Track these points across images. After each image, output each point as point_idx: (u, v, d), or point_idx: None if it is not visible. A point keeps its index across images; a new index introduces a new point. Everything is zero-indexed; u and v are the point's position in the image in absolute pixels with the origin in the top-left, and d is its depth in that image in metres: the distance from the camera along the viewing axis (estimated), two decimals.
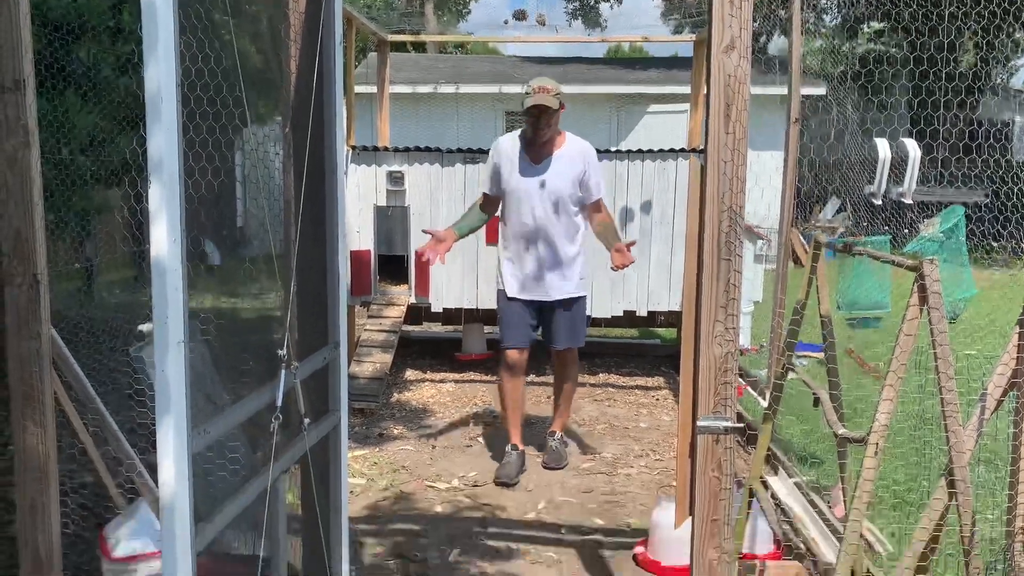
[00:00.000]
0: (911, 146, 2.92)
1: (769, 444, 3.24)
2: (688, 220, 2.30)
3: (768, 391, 4.08)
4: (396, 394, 5.77)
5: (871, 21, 15.14)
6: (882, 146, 2.97)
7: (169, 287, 1.38)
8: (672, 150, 6.24)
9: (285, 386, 1.80)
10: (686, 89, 8.88)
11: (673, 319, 6.70)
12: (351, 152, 6.10)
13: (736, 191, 2.11)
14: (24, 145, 2.25)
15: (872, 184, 3.00)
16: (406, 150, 6.27)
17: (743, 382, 5.40)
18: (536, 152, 4.11)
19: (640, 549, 3.40)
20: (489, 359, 6.36)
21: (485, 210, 4.26)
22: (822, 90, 12.01)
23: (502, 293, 4.27)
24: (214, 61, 2.30)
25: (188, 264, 1.42)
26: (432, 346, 7.01)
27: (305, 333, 2.35)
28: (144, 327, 2.87)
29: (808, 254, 2.98)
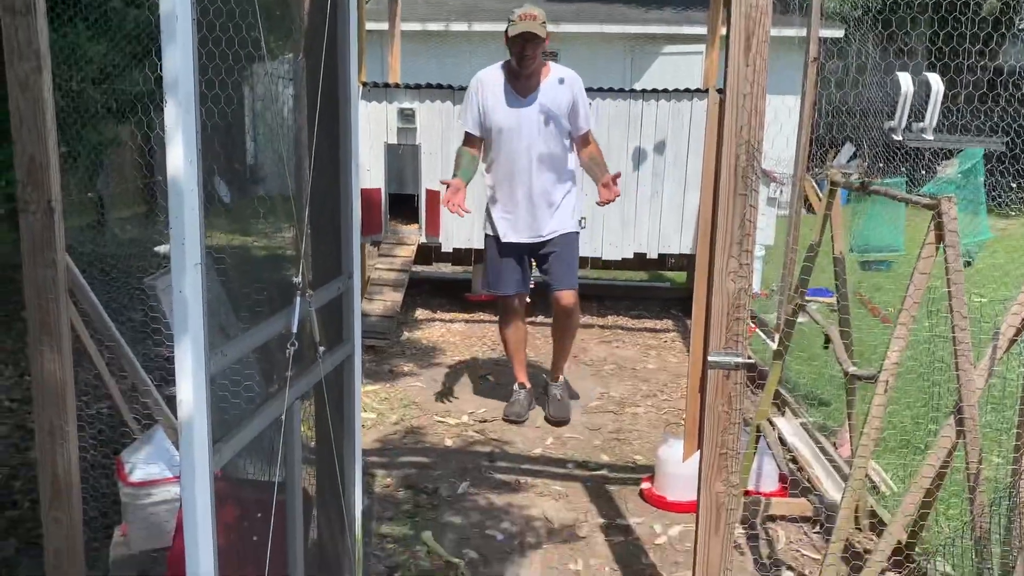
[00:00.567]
0: (934, 80, 2.87)
1: (777, 386, 3.26)
2: (705, 153, 2.28)
3: (778, 334, 4.09)
4: (407, 332, 5.81)
5: None
6: (904, 80, 2.92)
7: (186, 208, 1.38)
8: (687, 90, 6.15)
9: (300, 314, 1.82)
10: (702, 30, 8.71)
11: (684, 262, 6.69)
12: (362, 88, 6.04)
13: (755, 125, 2.09)
14: (35, 70, 2.23)
15: (892, 120, 2.96)
16: (417, 87, 6.20)
17: (753, 325, 5.41)
18: (523, 85, 3.89)
19: (646, 485, 3.45)
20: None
21: (474, 151, 4.00)
22: (840, 32, 11.78)
23: (491, 239, 4.08)
24: None
25: (203, 196, 1.41)
26: (442, 286, 7.04)
27: (319, 265, 2.36)
28: (160, 248, 2.87)
29: (822, 201, 2.96)
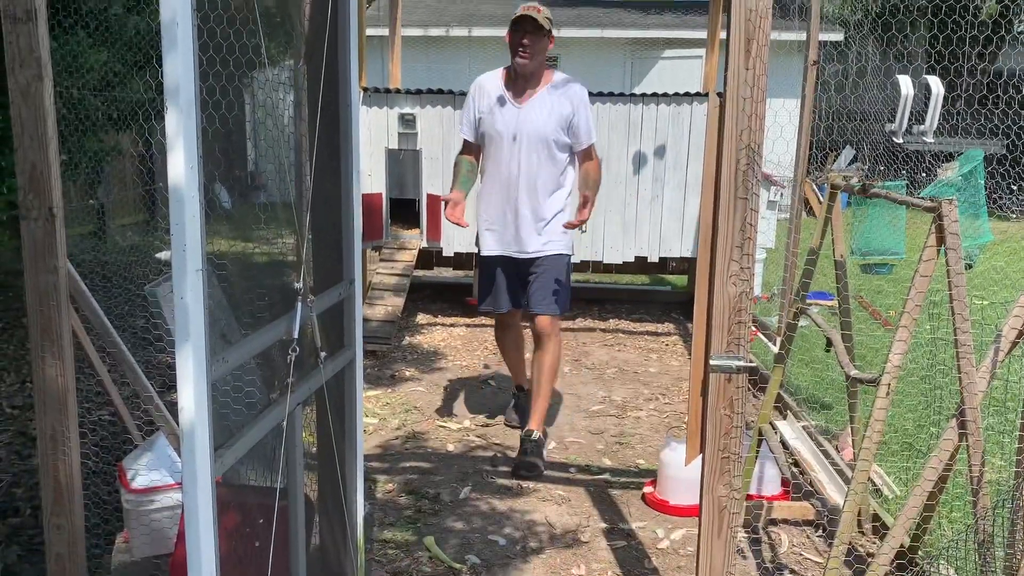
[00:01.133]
0: (934, 83, 2.88)
1: (778, 390, 3.26)
2: (705, 157, 2.29)
3: (779, 337, 4.09)
4: (408, 337, 5.81)
5: None
6: (904, 83, 2.93)
7: (187, 214, 1.38)
8: (687, 94, 6.16)
9: (301, 319, 1.82)
10: (701, 34, 8.72)
11: (685, 266, 6.69)
12: (363, 93, 6.05)
13: (755, 128, 2.09)
14: (37, 77, 2.23)
15: (893, 122, 2.97)
16: (418, 92, 6.21)
17: (754, 328, 5.41)
18: (520, 88, 3.64)
19: (648, 489, 3.45)
20: None
21: (472, 159, 3.79)
22: (840, 36, 11.79)
23: (479, 253, 3.88)
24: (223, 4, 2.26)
25: (204, 202, 1.41)
26: (443, 291, 7.04)
27: (320, 270, 2.36)
28: (162, 255, 2.88)
29: (822, 204, 2.96)
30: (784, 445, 3.78)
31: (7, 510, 3.22)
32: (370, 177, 6.15)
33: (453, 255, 6.36)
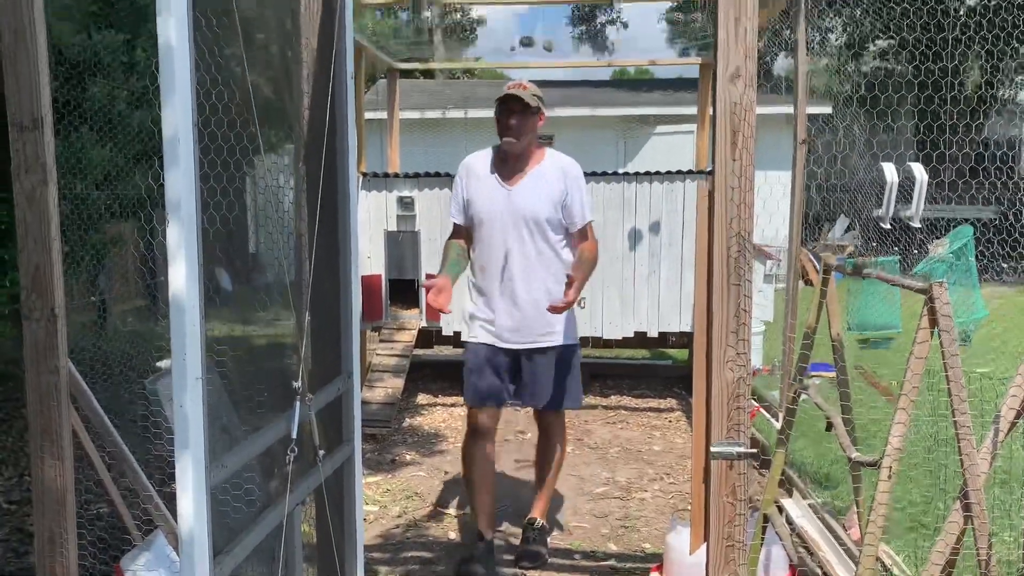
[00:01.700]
0: (917, 170, 2.94)
1: (783, 467, 3.23)
2: (697, 245, 2.32)
3: (781, 413, 4.07)
4: (408, 419, 5.78)
5: (876, 40, 15.22)
6: (888, 170, 2.99)
7: (187, 323, 1.41)
8: (680, 172, 6.27)
9: (300, 418, 1.82)
10: (692, 110, 8.92)
11: (684, 340, 6.70)
12: (362, 178, 6.16)
13: (744, 216, 2.13)
14: (42, 182, 2.29)
15: (880, 208, 3.02)
16: (416, 176, 6.32)
17: (756, 404, 5.39)
18: (510, 169, 3.45)
19: (655, 575, 3.39)
20: None
21: (462, 243, 3.56)
22: (828, 109, 12.05)
23: (467, 342, 3.61)
24: (227, 96, 2.34)
25: (204, 311, 1.44)
26: (444, 369, 7.03)
27: (319, 362, 2.37)
28: (162, 363, 2.89)
29: (818, 274, 2.99)
30: (790, 524, 3.73)
31: None
32: (369, 259, 6.21)
33: (453, 333, 6.38)
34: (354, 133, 2.44)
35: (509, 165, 3.47)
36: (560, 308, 3.23)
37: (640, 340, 6.48)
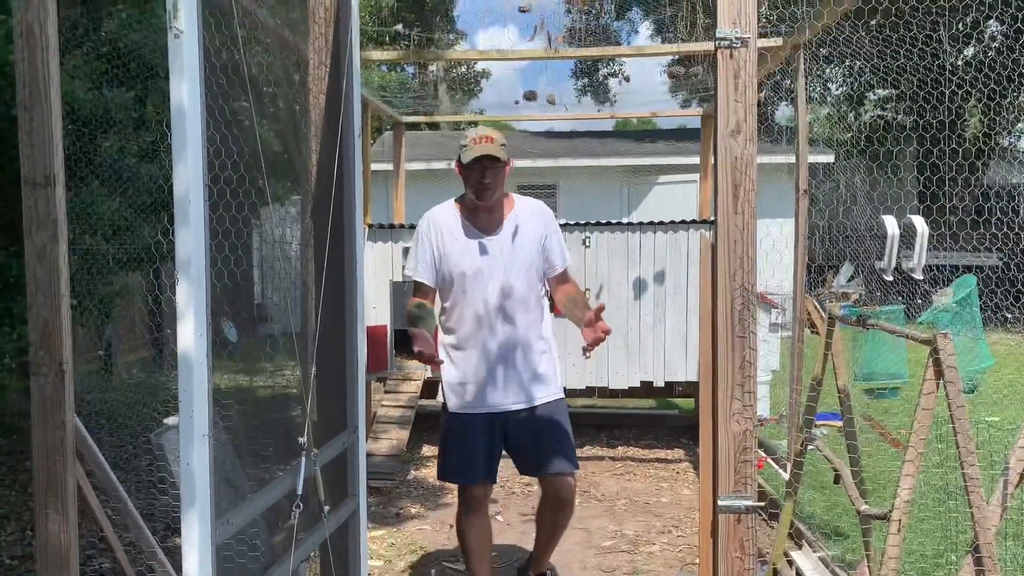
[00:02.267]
0: (918, 222, 2.97)
1: (792, 519, 3.20)
2: (701, 298, 2.34)
3: (789, 465, 4.04)
4: (413, 471, 5.74)
5: (876, 89, 15.42)
6: (889, 223, 3.02)
7: (195, 381, 1.42)
8: (683, 221, 6.32)
9: (305, 474, 1.82)
10: (695, 159, 9.01)
11: (691, 389, 6.67)
12: (367, 230, 6.21)
13: (747, 269, 2.15)
14: (53, 239, 2.32)
15: (882, 260, 3.04)
16: None
17: (764, 455, 5.35)
18: (484, 219, 3.20)
19: None
20: None
21: (428, 302, 3.25)
22: (831, 158, 12.16)
23: (446, 413, 3.27)
24: (237, 152, 2.38)
25: (211, 367, 1.46)
26: None
27: (324, 415, 2.37)
28: (169, 420, 2.90)
29: (823, 321, 2.99)
30: None
31: None
32: (375, 309, 6.23)
33: None
34: (361, 186, 2.48)
35: (482, 216, 3.22)
36: (599, 340, 2.91)
37: (646, 390, 6.46)
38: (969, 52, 13.32)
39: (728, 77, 2.14)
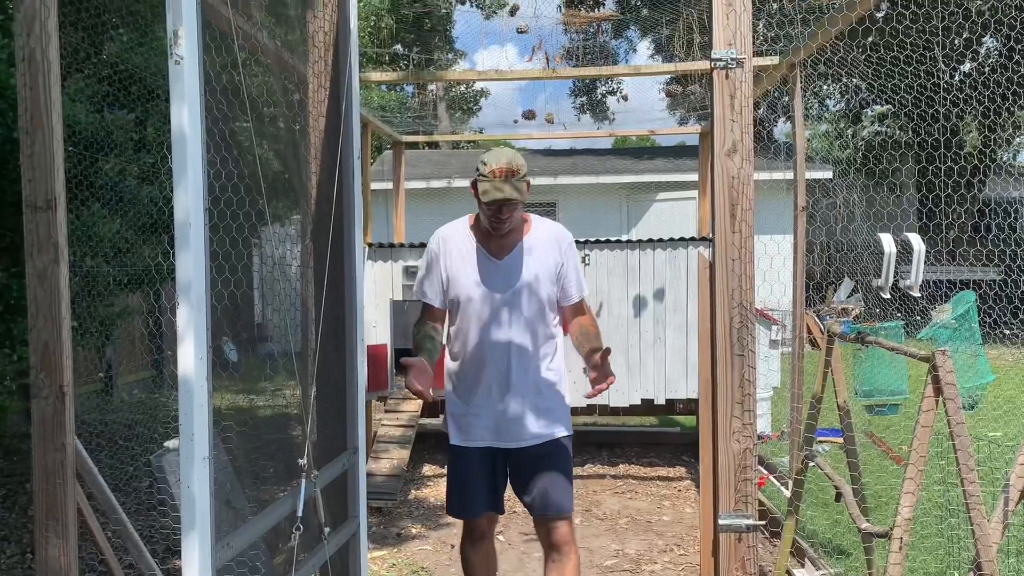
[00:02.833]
0: (915, 240, 2.98)
1: (794, 537, 3.19)
2: (699, 317, 2.34)
3: (790, 482, 4.03)
4: (414, 491, 5.72)
5: (874, 105, 15.50)
6: (886, 241, 3.03)
7: (195, 404, 1.42)
8: (683, 239, 6.33)
9: (305, 496, 1.82)
10: (694, 176, 9.04)
11: (692, 407, 6.66)
12: (368, 249, 6.22)
13: (745, 287, 2.16)
14: (53, 261, 2.33)
15: (879, 278, 3.05)
16: (421, 245, 6.38)
17: (765, 472, 5.33)
18: (498, 244, 2.99)
19: None
20: None
21: (437, 328, 3.04)
22: (829, 174, 12.20)
23: (448, 442, 3.07)
24: (237, 173, 2.40)
25: (211, 391, 1.46)
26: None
27: (324, 436, 2.37)
28: (169, 443, 2.90)
29: (824, 337, 3.00)
30: None
31: None
32: (375, 328, 6.23)
33: None
34: (360, 206, 2.49)
35: (495, 240, 3.00)
36: (602, 389, 2.79)
37: (647, 407, 6.45)
38: (966, 68, 13.40)
39: (724, 97, 2.16)
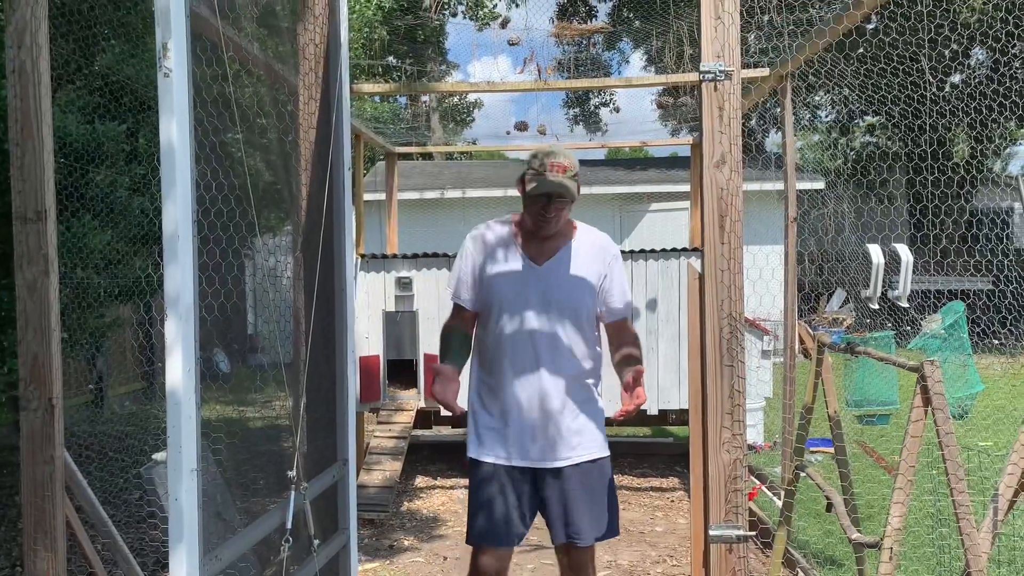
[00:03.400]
0: (902, 251, 2.99)
1: (786, 547, 3.19)
2: (689, 328, 2.35)
3: (782, 491, 4.03)
4: (406, 503, 5.70)
5: (865, 116, 15.59)
6: (874, 252, 3.05)
7: (183, 416, 1.42)
8: (675, 249, 6.35)
9: (294, 507, 1.82)
10: (686, 187, 9.08)
11: (685, 417, 6.66)
12: (360, 260, 6.22)
13: (735, 299, 2.16)
14: (43, 273, 2.33)
15: (868, 289, 3.07)
16: (414, 256, 6.39)
17: (757, 483, 5.34)
18: (539, 247, 2.75)
19: None
20: None
21: (467, 328, 2.83)
22: (821, 184, 12.26)
23: (473, 460, 2.78)
24: (227, 185, 2.40)
25: (199, 402, 1.46)
26: (442, 450, 6.97)
27: (314, 448, 2.37)
28: (159, 455, 2.89)
29: (815, 347, 3.01)
30: None
31: None
32: (368, 339, 6.22)
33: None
34: (352, 216, 2.49)
35: (537, 242, 2.76)
36: (632, 411, 2.54)
37: (640, 417, 6.45)
38: (955, 79, 13.49)
39: (713, 109, 2.17)
